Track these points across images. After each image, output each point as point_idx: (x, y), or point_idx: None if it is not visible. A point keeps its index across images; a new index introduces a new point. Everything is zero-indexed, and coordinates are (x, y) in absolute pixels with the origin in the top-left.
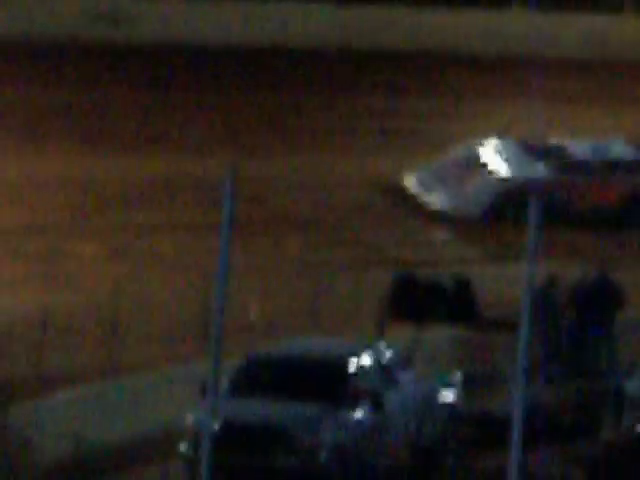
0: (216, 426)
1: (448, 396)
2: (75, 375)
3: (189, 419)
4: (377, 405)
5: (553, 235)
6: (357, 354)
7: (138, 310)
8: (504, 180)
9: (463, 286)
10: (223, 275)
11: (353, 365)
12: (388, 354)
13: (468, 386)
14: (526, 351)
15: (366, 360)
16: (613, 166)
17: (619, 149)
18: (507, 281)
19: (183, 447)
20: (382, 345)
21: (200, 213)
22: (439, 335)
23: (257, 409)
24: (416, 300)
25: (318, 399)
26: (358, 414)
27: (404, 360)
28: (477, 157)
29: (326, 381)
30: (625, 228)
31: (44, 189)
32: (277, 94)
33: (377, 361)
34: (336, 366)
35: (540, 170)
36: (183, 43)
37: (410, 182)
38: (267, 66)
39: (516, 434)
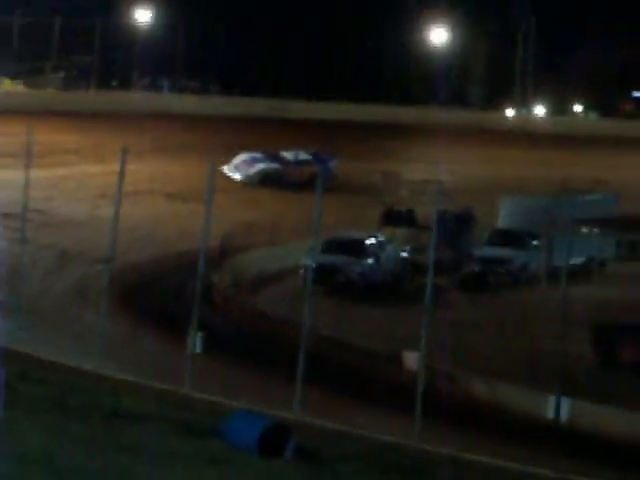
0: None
1: (405, 255)
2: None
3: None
4: (377, 258)
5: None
6: (369, 238)
7: None
8: (262, 169)
9: (411, 212)
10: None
11: (368, 242)
12: (382, 239)
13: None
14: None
15: (372, 241)
16: (302, 162)
17: (303, 155)
18: None
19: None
20: (380, 236)
21: None
22: (403, 231)
23: (327, 259)
24: (393, 219)
25: (353, 254)
26: (369, 260)
27: (388, 241)
28: (253, 158)
29: (357, 246)
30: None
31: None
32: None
33: (378, 242)
34: (361, 241)
35: (274, 164)
36: None
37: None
38: None
39: (430, 271)
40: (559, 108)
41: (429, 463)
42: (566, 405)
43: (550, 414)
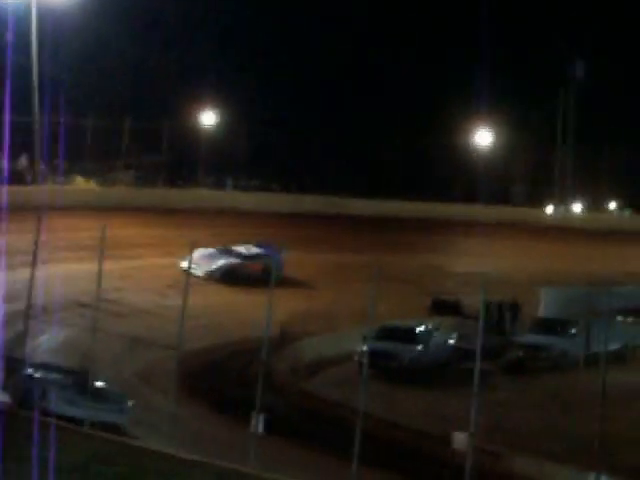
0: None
1: (452, 342)
2: None
3: (358, 347)
4: (426, 345)
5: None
6: (418, 326)
7: None
8: (224, 264)
9: (457, 302)
10: None
11: (418, 329)
12: (430, 327)
13: (459, 339)
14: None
15: (422, 328)
16: (256, 256)
17: (255, 248)
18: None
19: (355, 358)
20: (429, 324)
21: None
22: (450, 319)
23: (380, 345)
24: (441, 308)
25: (405, 341)
26: (419, 347)
27: (436, 329)
28: (212, 253)
29: (408, 334)
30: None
31: None
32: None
33: (427, 329)
34: (412, 329)
35: (235, 259)
36: None
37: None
38: None
39: (478, 357)
40: (595, 205)
41: None
42: None
43: None
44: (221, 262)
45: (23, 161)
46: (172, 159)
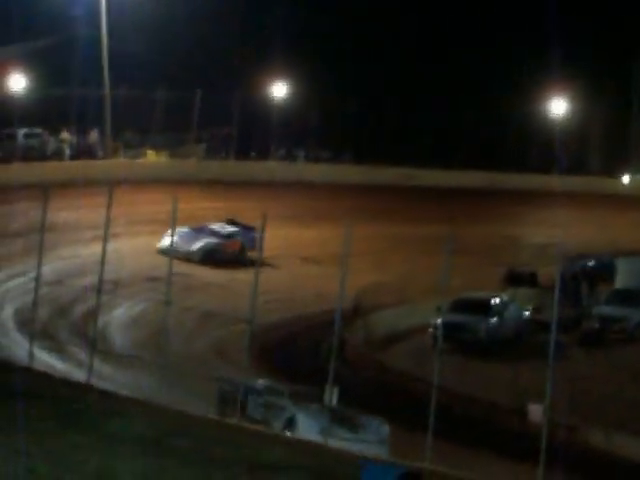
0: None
1: (527, 314)
2: None
3: (433, 320)
4: (501, 317)
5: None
6: (493, 298)
7: None
8: (206, 244)
9: (533, 273)
10: None
11: (493, 301)
12: (505, 299)
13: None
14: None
15: (497, 300)
16: (232, 235)
17: (230, 227)
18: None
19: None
20: (503, 296)
21: None
22: (526, 291)
23: (455, 317)
24: (516, 279)
25: (479, 313)
26: (494, 319)
27: (511, 301)
28: (189, 234)
29: (482, 306)
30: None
31: None
32: None
33: (502, 301)
34: (487, 301)
35: (210, 239)
36: None
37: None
38: None
39: (554, 329)
40: None
41: None
42: None
43: None
44: (200, 243)
45: (94, 135)
46: (243, 131)
